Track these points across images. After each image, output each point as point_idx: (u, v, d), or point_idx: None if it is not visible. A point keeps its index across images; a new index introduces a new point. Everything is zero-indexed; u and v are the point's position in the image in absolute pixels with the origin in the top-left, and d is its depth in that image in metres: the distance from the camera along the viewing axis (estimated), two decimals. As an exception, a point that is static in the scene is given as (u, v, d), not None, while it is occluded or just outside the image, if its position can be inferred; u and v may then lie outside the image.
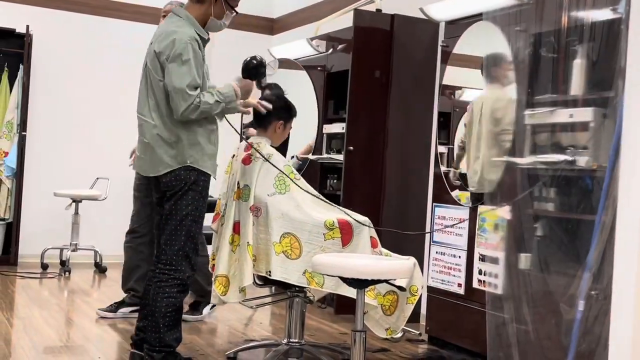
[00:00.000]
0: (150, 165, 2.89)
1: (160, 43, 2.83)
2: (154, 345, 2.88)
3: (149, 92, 2.88)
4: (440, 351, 3.62)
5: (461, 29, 3.66)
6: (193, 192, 2.86)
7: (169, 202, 2.87)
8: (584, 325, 2.51)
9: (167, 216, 2.87)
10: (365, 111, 4.39)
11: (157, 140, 2.85)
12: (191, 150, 2.85)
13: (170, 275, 2.86)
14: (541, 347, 2.74)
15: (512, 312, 2.86)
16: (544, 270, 2.81)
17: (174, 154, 2.84)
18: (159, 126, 2.85)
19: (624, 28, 2.43)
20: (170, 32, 2.82)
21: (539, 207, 2.93)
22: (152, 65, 2.86)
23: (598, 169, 2.67)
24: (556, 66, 2.93)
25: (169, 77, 2.78)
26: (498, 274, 3.14)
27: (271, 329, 4.09)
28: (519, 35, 3.05)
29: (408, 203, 4.46)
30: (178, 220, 2.85)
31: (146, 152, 2.90)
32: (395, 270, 2.72)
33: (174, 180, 2.84)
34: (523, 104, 3.03)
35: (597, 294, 2.46)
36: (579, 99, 2.82)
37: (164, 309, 2.86)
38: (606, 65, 2.66)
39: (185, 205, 2.85)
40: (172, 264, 2.86)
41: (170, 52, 2.77)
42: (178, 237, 2.85)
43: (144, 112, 2.90)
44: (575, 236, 2.72)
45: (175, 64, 2.77)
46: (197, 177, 2.87)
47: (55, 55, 6.04)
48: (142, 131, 2.93)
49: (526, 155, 2.99)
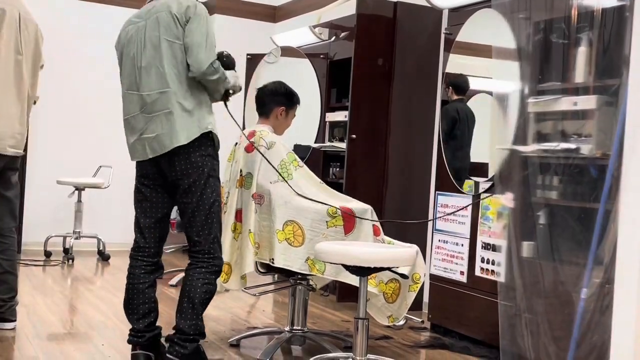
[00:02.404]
0: (173, 136, 2.73)
1: (178, 6, 2.75)
2: (189, 333, 2.77)
3: (161, 63, 2.76)
4: (442, 339, 3.63)
5: (464, 17, 3.64)
6: (213, 179, 2.81)
7: (191, 195, 2.77)
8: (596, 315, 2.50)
9: (193, 209, 2.78)
10: (368, 99, 4.38)
11: (178, 109, 2.74)
12: (210, 117, 2.80)
13: (210, 262, 2.80)
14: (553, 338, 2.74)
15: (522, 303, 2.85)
16: (549, 259, 2.81)
17: (193, 121, 2.75)
18: (178, 92, 2.75)
19: (629, 15, 2.41)
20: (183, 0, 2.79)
21: (542, 195, 2.93)
22: (165, 31, 2.75)
23: (602, 157, 2.66)
24: (561, 54, 2.92)
25: (195, 33, 2.72)
26: (500, 262, 3.14)
27: (274, 317, 4.11)
28: (523, 23, 3.03)
29: (411, 191, 4.45)
30: (207, 210, 2.78)
31: (166, 124, 2.74)
32: (397, 258, 2.73)
33: (189, 167, 2.75)
34: (527, 92, 3.02)
35: (608, 284, 2.45)
36: (584, 87, 2.81)
37: (203, 295, 2.78)
38: (612, 53, 2.65)
39: (210, 193, 2.79)
40: (210, 252, 2.80)
41: (193, 12, 2.74)
42: (210, 226, 2.80)
43: (156, 86, 2.77)
44: (579, 224, 2.71)
45: (201, 23, 2.74)
46: (214, 155, 2.81)
47: (58, 43, 6.02)
48: (158, 106, 2.77)
49: (530, 143, 2.98)
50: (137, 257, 2.89)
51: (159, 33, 2.77)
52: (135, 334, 2.88)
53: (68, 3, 6.08)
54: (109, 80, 6.16)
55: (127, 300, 2.88)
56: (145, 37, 2.80)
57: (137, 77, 2.81)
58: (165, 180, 2.83)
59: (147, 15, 2.84)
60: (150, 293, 2.88)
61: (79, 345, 3.29)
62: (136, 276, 2.87)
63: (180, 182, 2.78)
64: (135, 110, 2.83)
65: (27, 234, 5.80)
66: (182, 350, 2.76)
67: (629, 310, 2.26)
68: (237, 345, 3.35)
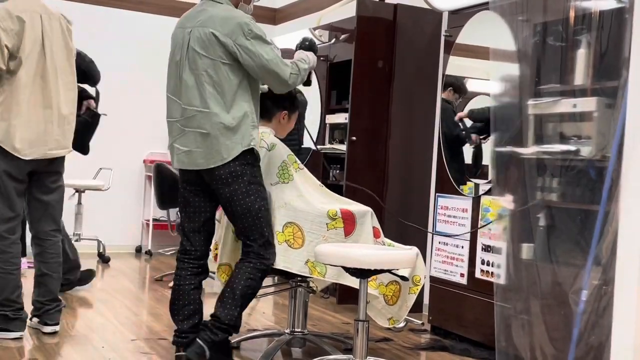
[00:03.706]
0: (209, 157, 2.76)
1: (222, 26, 2.74)
2: (224, 321, 2.81)
3: (202, 81, 2.76)
4: (443, 341, 3.63)
5: (464, 19, 3.65)
6: (255, 186, 2.82)
7: (235, 204, 2.79)
8: (593, 317, 2.50)
9: (239, 216, 2.82)
10: (368, 101, 4.38)
11: (220, 129, 2.74)
12: (254, 131, 2.82)
13: (260, 261, 2.85)
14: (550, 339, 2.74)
15: (519, 304, 2.85)
16: (546, 260, 2.81)
17: (237, 139, 2.76)
18: (220, 115, 2.75)
19: (629, 17, 2.41)
20: (228, 17, 2.77)
21: (542, 197, 2.93)
22: (207, 49, 2.75)
23: (602, 159, 2.66)
24: (560, 56, 2.92)
25: (255, 55, 2.74)
26: (500, 264, 3.14)
27: (274, 319, 4.11)
28: (523, 25, 3.04)
29: (411, 193, 4.45)
30: (253, 216, 2.82)
31: (203, 144, 2.76)
32: (397, 260, 2.73)
33: (228, 176, 2.76)
34: (527, 94, 3.02)
35: (606, 286, 2.45)
36: (583, 89, 2.82)
37: (245, 289, 2.82)
38: (611, 54, 2.65)
39: (254, 200, 2.81)
40: (260, 253, 2.85)
41: (241, 33, 2.73)
42: (261, 230, 2.84)
43: (196, 103, 2.77)
44: (579, 226, 2.71)
45: (256, 42, 2.75)
46: (255, 166, 2.83)
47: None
48: (194, 123, 2.78)
49: (530, 145, 2.98)
50: (183, 259, 2.94)
51: (202, 50, 2.76)
52: (179, 334, 2.91)
53: (67, 7, 6.08)
54: (109, 83, 6.19)
55: (173, 301, 2.94)
56: (189, 50, 2.80)
57: (179, 86, 2.84)
58: (207, 186, 2.87)
59: (195, 23, 2.82)
60: (196, 295, 2.93)
61: (79, 347, 3.29)
62: (182, 277, 2.92)
63: (221, 191, 2.81)
64: (175, 116, 2.87)
65: (27, 236, 5.79)
66: (213, 337, 2.81)
67: (629, 311, 2.26)
68: (238, 348, 3.35)
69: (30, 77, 3.25)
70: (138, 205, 6.33)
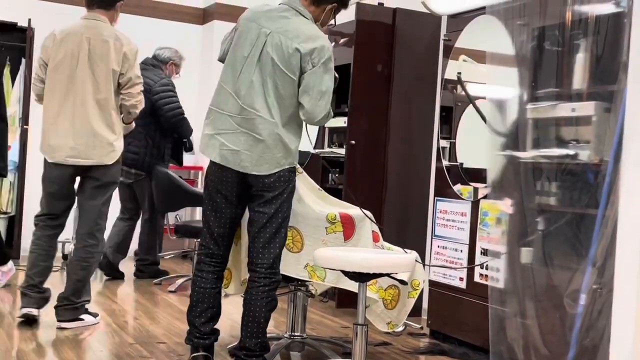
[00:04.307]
0: (256, 163, 2.74)
1: (305, 44, 2.71)
2: (255, 350, 2.81)
3: (268, 87, 2.73)
4: (442, 345, 3.63)
5: (463, 23, 3.66)
6: (290, 196, 2.83)
7: (270, 205, 2.77)
8: (587, 319, 2.51)
9: (267, 220, 2.78)
10: (367, 105, 4.39)
11: (276, 140, 2.73)
12: (296, 153, 2.84)
13: (272, 278, 2.81)
14: (542, 341, 2.74)
15: (514, 307, 2.86)
16: (546, 265, 2.81)
17: (286, 155, 2.77)
18: (279, 125, 2.73)
19: (627, 22, 2.42)
20: (313, 35, 2.75)
21: (541, 201, 2.93)
22: (285, 61, 2.72)
23: (600, 163, 2.67)
24: (559, 60, 2.93)
25: (317, 79, 2.71)
26: (499, 268, 3.15)
27: (273, 323, 4.10)
28: (521, 29, 3.04)
29: (410, 197, 4.46)
30: (279, 224, 2.79)
31: (254, 148, 2.73)
32: (397, 264, 2.73)
33: (277, 181, 2.76)
34: (525, 98, 3.02)
35: (601, 289, 2.46)
36: (582, 93, 2.82)
37: (267, 314, 2.80)
38: (609, 59, 2.65)
39: (287, 208, 2.81)
40: (272, 267, 2.81)
41: (319, 56, 2.72)
42: (278, 241, 2.81)
43: (257, 107, 2.73)
44: (578, 230, 2.72)
45: (324, 69, 2.73)
46: (294, 179, 2.85)
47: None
48: (250, 126, 2.74)
49: (528, 149, 2.98)
50: (210, 262, 2.92)
51: (278, 60, 2.73)
52: (201, 335, 2.91)
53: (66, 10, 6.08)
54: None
55: (196, 303, 2.91)
56: (263, 52, 2.75)
57: (239, 82, 2.77)
58: (246, 190, 2.81)
59: (276, 28, 2.76)
60: (218, 298, 2.94)
61: (78, 351, 3.28)
62: (207, 280, 2.90)
63: (265, 194, 2.78)
64: (230, 111, 2.77)
65: (26, 239, 5.78)
66: None
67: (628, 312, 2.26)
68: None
69: (59, 89, 3.59)
70: (137, 208, 6.31)
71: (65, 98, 3.57)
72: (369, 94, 4.38)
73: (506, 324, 2.85)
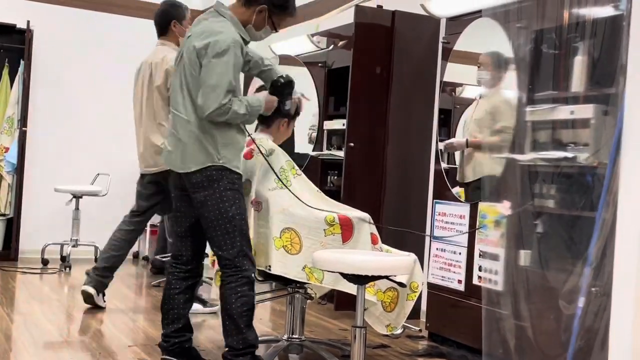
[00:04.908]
0: (181, 162, 2.82)
1: (202, 40, 2.76)
2: (238, 347, 2.82)
3: (183, 88, 2.81)
4: (440, 347, 3.63)
5: (462, 26, 3.66)
6: (232, 192, 2.80)
7: (207, 208, 2.78)
8: (584, 321, 2.52)
9: (210, 223, 2.80)
10: (365, 108, 4.39)
11: (191, 137, 2.79)
12: (224, 150, 2.79)
13: (238, 275, 2.81)
14: (539, 343, 2.75)
15: (511, 308, 2.86)
16: (544, 267, 2.81)
17: (206, 152, 2.78)
18: (193, 122, 2.78)
19: (626, 25, 2.43)
20: (214, 31, 2.77)
21: (539, 203, 2.93)
22: (190, 61, 2.79)
23: (599, 166, 2.67)
24: (557, 63, 2.93)
25: (207, 73, 2.73)
26: (498, 271, 3.15)
27: (271, 325, 4.10)
28: (519, 32, 3.05)
29: (409, 199, 4.45)
30: (227, 222, 2.78)
31: (177, 147, 2.83)
32: (395, 267, 2.72)
33: (205, 180, 2.77)
34: (524, 101, 3.03)
35: (597, 291, 2.47)
36: (580, 96, 2.82)
37: (240, 309, 2.81)
38: (607, 62, 2.66)
39: (229, 205, 2.79)
40: (237, 265, 2.81)
41: (211, 50, 2.72)
42: (234, 239, 2.80)
43: (178, 108, 2.82)
44: (576, 233, 2.72)
45: (215, 62, 2.71)
46: (231, 176, 2.81)
47: (56, 51, 6.04)
48: (174, 126, 2.86)
49: (527, 152, 2.99)
50: (172, 263, 3.00)
51: (187, 60, 2.82)
52: (163, 338, 2.96)
53: (65, 12, 6.09)
54: (107, 89, 6.20)
55: (161, 305, 3.00)
56: (182, 55, 2.88)
57: (172, 86, 2.96)
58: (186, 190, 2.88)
59: (194, 29, 2.87)
60: (180, 299, 2.95)
61: (76, 354, 3.28)
62: (169, 282, 2.98)
63: (196, 195, 2.81)
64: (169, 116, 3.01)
65: (24, 241, 5.79)
66: None
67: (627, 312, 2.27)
68: (235, 354, 3.34)
69: (136, 110, 4.15)
70: (135, 211, 6.31)
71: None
72: (367, 97, 4.38)
73: (501, 326, 2.86)
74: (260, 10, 2.86)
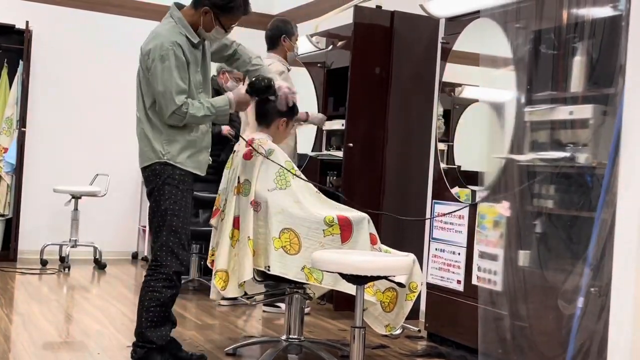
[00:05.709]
0: (139, 158, 2.96)
1: (146, 45, 2.86)
2: (138, 340, 2.91)
3: (138, 88, 2.94)
4: (439, 348, 3.63)
5: (461, 26, 3.66)
6: (169, 187, 2.87)
7: (151, 199, 2.92)
8: (582, 321, 2.52)
9: (151, 213, 2.93)
10: (365, 108, 4.39)
11: (141, 134, 2.92)
12: (169, 146, 2.87)
13: (156, 270, 2.88)
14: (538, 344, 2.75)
15: (510, 309, 2.86)
16: (543, 267, 2.81)
17: (152, 149, 2.88)
18: (143, 121, 2.91)
19: (625, 25, 2.43)
20: (156, 34, 2.86)
21: (538, 204, 2.93)
22: (140, 63, 2.91)
23: (598, 166, 2.67)
24: (556, 63, 2.93)
25: (154, 81, 2.82)
26: (497, 271, 3.15)
27: (270, 326, 4.10)
28: (518, 32, 3.05)
29: (408, 200, 4.45)
30: (160, 216, 2.88)
31: (139, 145, 2.96)
32: (394, 267, 2.72)
33: (151, 175, 2.89)
34: (523, 101, 3.03)
35: (596, 291, 2.47)
36: (579, 96, 2.82)
37: (147, 303, 2.87)
38: (606, 62, 2.66)
39: (164, 200, 2.87)
40: (157, 260, 2.88)
41: (152, 56, 2.81)
42: (161, 233, 2.88)
43: (136, 108, 2.96)
44: (575, 233, 2.72)
45: (158, 68, 2.79)
46: (172, 172, 2.88)
47: (54, 52, 6.04)
48: (136, 125, 2.99)
49: (526, 152, 2.99)
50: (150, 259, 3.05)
51: (140, 65, 2.92)
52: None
53: (64, 12, 6.09)
54: (106, 89, 6.20)
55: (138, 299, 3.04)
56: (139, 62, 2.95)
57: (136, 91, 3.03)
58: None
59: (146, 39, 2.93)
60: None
61: (75, 354, 3.28)
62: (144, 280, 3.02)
63: (147, 188, 2.96)
64: None
65: (23, 242, 5.79)
66: (134, 355, 2.91)
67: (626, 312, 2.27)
68: (234, 354, 3.34)
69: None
70: (134, 211, 6.32)
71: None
72: (366, 97, 4.38)
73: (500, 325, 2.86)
74: (205, 12, 2.89)
